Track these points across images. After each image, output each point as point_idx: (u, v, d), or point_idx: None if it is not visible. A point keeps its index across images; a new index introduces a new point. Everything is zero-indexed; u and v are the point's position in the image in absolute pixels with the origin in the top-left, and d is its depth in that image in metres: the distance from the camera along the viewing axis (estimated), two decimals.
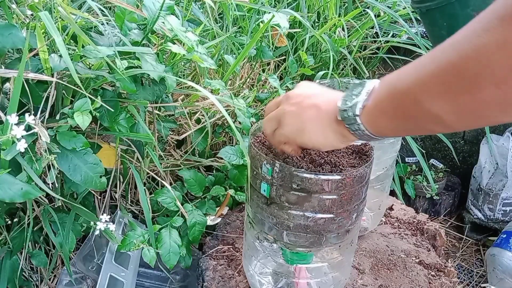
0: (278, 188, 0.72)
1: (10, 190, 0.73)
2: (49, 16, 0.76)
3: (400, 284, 0.97)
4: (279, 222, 0.74)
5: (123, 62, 0.86)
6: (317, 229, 0.73)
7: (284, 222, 0.74)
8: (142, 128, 0.99)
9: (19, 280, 1.02)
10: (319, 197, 0.70)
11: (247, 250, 0.89)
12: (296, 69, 1.49)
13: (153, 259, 0.97)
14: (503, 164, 1.85)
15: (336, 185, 0.70)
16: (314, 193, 0.70)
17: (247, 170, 0.79)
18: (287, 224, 0.74)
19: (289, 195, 0.71)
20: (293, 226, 0.73)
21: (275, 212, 0.74)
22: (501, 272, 1.61)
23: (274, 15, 1.19)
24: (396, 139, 1.00)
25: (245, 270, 0.93)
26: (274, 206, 0.74)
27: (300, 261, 0.81)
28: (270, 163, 0.71)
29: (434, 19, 1.09)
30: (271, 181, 0.72)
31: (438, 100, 0.46)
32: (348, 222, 0.75)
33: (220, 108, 0.92)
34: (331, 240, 0.76)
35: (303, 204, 0.71)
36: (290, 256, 0.81)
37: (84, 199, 1.05)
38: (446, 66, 0.44)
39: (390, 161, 1.03)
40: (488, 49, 0.40)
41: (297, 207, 0.72)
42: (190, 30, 1.01)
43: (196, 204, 1.12)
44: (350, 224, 0.76)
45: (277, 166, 0.70)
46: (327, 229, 0.74)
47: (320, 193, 0.70)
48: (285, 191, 0.71)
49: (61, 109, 0.90)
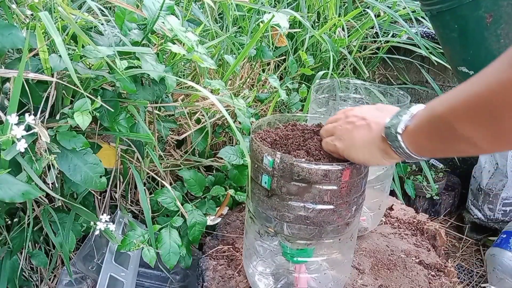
0: (279, 180, 0.73)
1: (10, 190, 0.73)
2: (49, 16, 0.76)
3: (400, 284, 0.97)
4: (280, 214, 0.75)
5: (123, 62, 0.86)
6: (317, 220, 0.74)
7: (284, 214, 0.75)
8: (142, 128, 0.99)
9: (19, 280, 1.02)
10: (319, 187, 0.71)
11: (247, 249, 0.89)
12: (296, 69, 1.49)
13: (153, 259, 0.97)
14: (503, 164, 1.85)
15: (336, 175, 0.71)
16: (314, 184, 0.71)
17: (248, 166, 0.80)
18: (288, 216, 0.75)
19: (290, 186, 0.73)
20: (293, 217, 0.75)
21: (276, 204, 0.75)
22: (501, 272, 1.61)
23: (274, 15, 1.19)
24: None
25: (246, 269, 0.93)
26: (275, 198, 0.75)
27: (300, 256, 0.82)
28: (271, 155, 0.73)
29: (444, 21, 1.07)
30: (272, 173, 0.73)
31: (469, 126, 0.51)
32: (347, 214, 0.77)
33: (220, 108, 0.92)
34: (331, 233, 0.77)
35: (304, 195, 0.73)
36: (290, 251, 0.81)
37: (84, 199, 1.05)
38: (474, 97, 0.49)
39: None
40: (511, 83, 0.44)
41: (298, 198, 0.73)
42: (190, 30, 1.01)
43: (196, 204, 1.12)
44: (350, 216, 0.78)
45: (278, 157, 0.72)
46: (327, 220, 0.75)
47: (320, 183, 0.71)
48: (286, 182, 0.73)
49: (61, 109, 0.90)
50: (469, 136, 0.51)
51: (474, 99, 0.49)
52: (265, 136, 0.80)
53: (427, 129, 0.58)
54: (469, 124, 0.50)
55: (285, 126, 0.85)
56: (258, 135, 0.81)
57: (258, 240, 0.85)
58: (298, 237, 0.78)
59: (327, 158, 0.74)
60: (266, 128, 0.85)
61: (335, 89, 1.13)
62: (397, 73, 2.03)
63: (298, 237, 0.77)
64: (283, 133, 0.82)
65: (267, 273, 0.89)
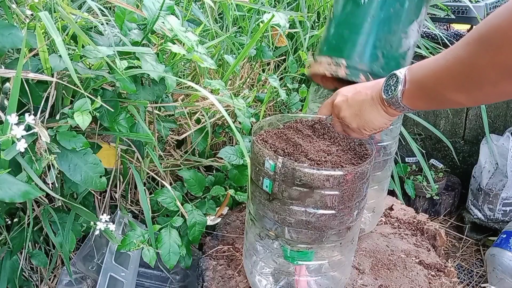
0: (281, 184, 0.72)
1: (10, 190, 0.73)
2: (49, 16, 0.76)
3: (400, 284, 0.97)
4: (281, 218, 0.75)
5: (123, 62, 0.86)
6: (318, 225, 0.74)
7: (286, 218, 0.74)
8: (142, 128, 0.99)
9: (19, 280, 1.02)
10: (321, 192, 0.71)
11: (248, 249, 0.89)
12: (296, 69, 1.49)
13: (153, 259, 0.97)
14: (503, 164, 1.85)
15: (338, 180, 0.71)
16: (316, 189, 0.71)
17: (248, 167, 0.80)
18: (289, 220, 0.74)
19: (291, 191, 0.72)
20: (295, 222, 0.74)
21: (277, 208, 0.75)
22: (501, 272, 1.61)
23: (274, 15, 1.19)
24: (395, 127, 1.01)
25: (246, 269, 0.93)
26: (276, 202, 0.74)
27: (301, 259, 0.82)
28: (273, 159, 0.72)
29: None
30: (274, 177, 0.73)
31: (455, 93, 0.61)
32: (349, 218, 0.76)
33: (220, 108, 0.92)
34: (332, 237, 0.77)
35: (305, 200, 0.72)
36: (290, 254, 0.81)
37: (84, 199, 1.05)
38: (456, 66, 0.59)
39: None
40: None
41: (299, 203, 0.72)
42: (190, 30, 1.01)
43: (196, 204, 1.12)
44: (351, 221, 0.77)
45: (280, 161, 0.71)
46: (328, 225, 0.75)
47: (322, 188, 0.71)
48: (287, 186, 0.72)
49: (61, 109, 0.90)
50: (455, 99, 0.62)
51: (456, 69, 0.59)
52: (266, 137, 0.80)
53: (419, 95, 0.68)
54: (455, 92, 0.61)
55: (287, 127, 0.85)
56: (260, 137, 0.80)
57: (259, 241, 0.84)
58: (299, 241, 0.77)
59: (329, 163, 0.74)
60: (268, 129, 0.85)
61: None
62: None
63: (299, 241, 0.77)
64: (285, 134, 0.81)
65: (267, 274, 0.89)
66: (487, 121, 1.85)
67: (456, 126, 2.09)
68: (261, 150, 0.75)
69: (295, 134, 0.82)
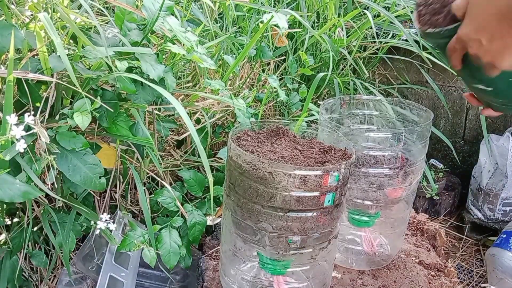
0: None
1: (10, 190, 0.73)
2: (48, 17, 0.76)
3: (400, 284, 0.97)
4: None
5: (123, 62, 0.86)
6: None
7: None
8: (141, 129, 0.99)
9: (19, 280, 1.02)
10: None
11: (224, 258, 0.89)
12: (296, 69, 1.49)
13: (153, 259, 0.97)
14: (503, 164, 1.85)
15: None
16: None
17: (226, 173, 0.80)
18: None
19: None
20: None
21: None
22: (501, 272, 1.61)
23: (274, 15, 1.19)
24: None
25: (221, 279, 0.92)
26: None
27: (278, 268, 0.81)
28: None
29: None
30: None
31: None
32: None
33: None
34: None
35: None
36: (267, 261, 0.81)
37: (84, 199, 1.05)
38: None
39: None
40: None
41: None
42: (190, 30, 1.01)
43: (196, 204, 1.12)
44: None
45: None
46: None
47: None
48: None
49: (60, 110, 0.90)
50: None
51: None
52: (244, 142, 0.81)
53: None
54: None
55: (264, 131, 0.86)
56: (238, 141, 0.81)
57: (236, 249, 0.84)
58: (278, 248, 0.77)
59: (306, 164, 0.74)
60: (245, 135, 0.85)
61: (347, 106, 1.07)
62: (397, 73, 2.03)
63: (277, 247, 0.77)
64: (263, 137, 0.82)
65: (246, 281, 0.88)
66: (485, 123, 1.84)
67: (456, 126, 2.09)
68: (240, 155, 0.76)
69: (273, 138, 0.84)
